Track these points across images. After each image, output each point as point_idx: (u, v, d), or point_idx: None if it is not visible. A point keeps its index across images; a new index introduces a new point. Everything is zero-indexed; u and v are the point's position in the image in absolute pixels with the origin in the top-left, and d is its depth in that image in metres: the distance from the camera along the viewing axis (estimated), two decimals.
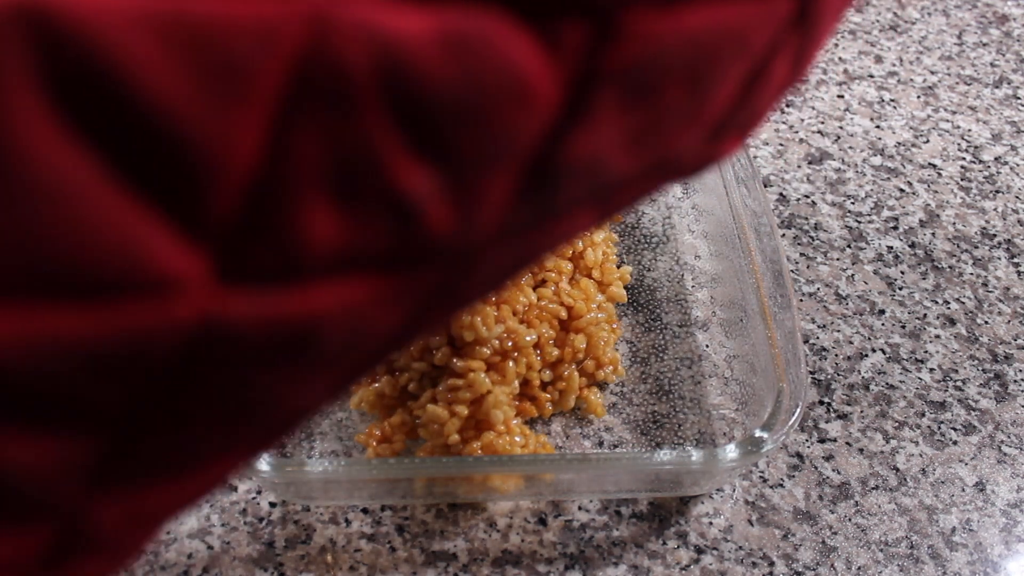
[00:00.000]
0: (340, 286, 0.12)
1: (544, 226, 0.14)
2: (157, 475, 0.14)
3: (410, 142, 0.11)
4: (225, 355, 0.12)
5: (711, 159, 0.17)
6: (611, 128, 0.13)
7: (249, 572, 0.35)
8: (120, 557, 0.15)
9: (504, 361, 0.37)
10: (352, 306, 0.12)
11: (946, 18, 0.64)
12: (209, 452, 0.14)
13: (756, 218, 0.40)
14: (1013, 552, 0.36)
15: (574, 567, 0.35)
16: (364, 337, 0.13)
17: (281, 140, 0.11)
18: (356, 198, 0.11)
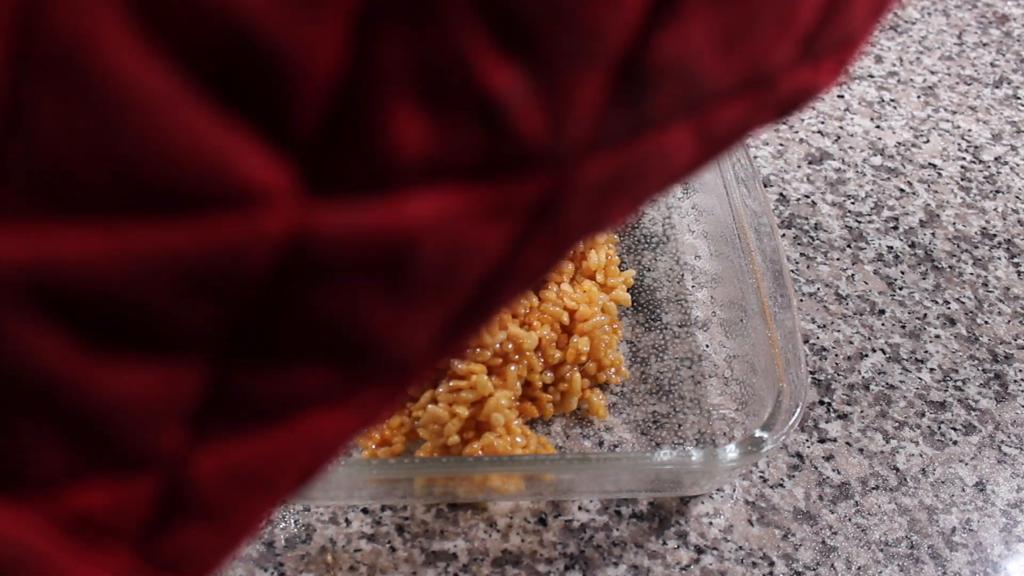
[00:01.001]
0: (432, 195, 0.12)
1: (640, 139, 0.14)
2: (258, 421, 0.13)
3: (497, 39, 0.11)
4: (318, 271, 0.12)
5: (807, 88, 0.16)
6: (701, 26, 0.13)
7: (249, 572, 0.35)
8: (227, 528, 0.15)
9: (505, 365, 0.37)
10: (446, 217, 0.12)
11: (946, 18, 0.64)
12: (314, 398, 0.14)
13: (756, 218, 0.40)
14: (1013, 552, 0.36)
15: (574, 567, 0.35)
16: (464, 260, 0.13)
17: (365, 42, 0.10)
18: (443, 100, 0.11)
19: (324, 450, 0.15)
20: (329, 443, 0.15)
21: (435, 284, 0.13)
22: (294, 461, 0.15)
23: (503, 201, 0.13)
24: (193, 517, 0.14)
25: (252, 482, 0.14)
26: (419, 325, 0.14)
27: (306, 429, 0.14)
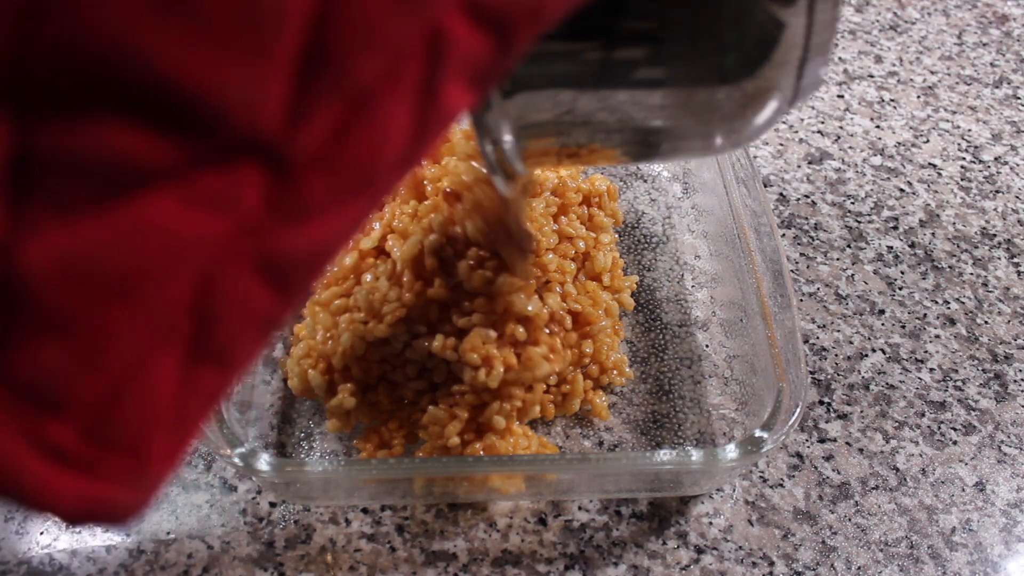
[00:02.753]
0: None
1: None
2: (82, 201, 0.13)
3: None
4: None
5: None
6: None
7: (249, 572, 0.35)
8: (81, 347, 0.14)
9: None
10: None
11: (946, 18, 0.64)
12: (140, 175, 0.13)
13: (756, 218, 0.40)
14: (1013, 552, 0.36)
15: (574, 567, 0.35)
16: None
17: None
18: None
19: (180, 249, 0.14)
20: (184, 240, 0.14)
21: (236, 11, 0.13)
22: (139, 256, 0.14)
23: None
24: (39, 327, 0.13)
25: (94, 282, 0.14)
26: (249, 74, 0.13)
27: (139, 215, 0.13)
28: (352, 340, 0.36)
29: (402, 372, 0.37)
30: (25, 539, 0.35)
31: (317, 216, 0.15)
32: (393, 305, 0.36)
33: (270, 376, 0.40)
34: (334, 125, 0.14)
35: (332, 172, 0.15)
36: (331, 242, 0.16)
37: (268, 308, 0.16)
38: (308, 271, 0.16)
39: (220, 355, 0.16)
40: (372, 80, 0.14)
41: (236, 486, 0.37)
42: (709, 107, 0.23)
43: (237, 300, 0.15)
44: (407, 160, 0.16)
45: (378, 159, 0.15)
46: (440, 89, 0.15)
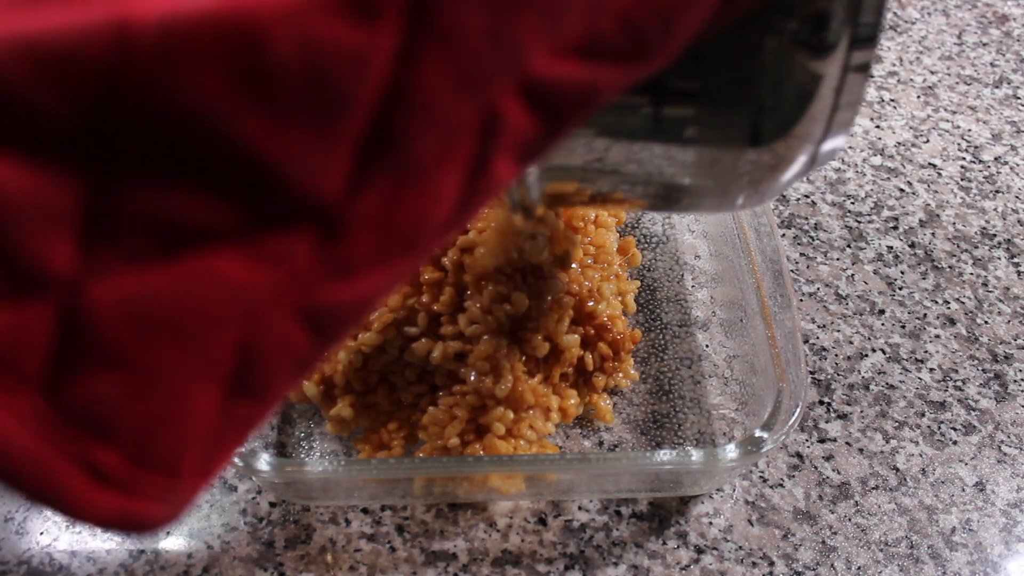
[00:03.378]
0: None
1: None
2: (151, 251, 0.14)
3: None
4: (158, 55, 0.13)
5: None
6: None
7: (249, 572, 0.35)
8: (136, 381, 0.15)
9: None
10: (292, 6, 0.14)
11: (946, 18, 0.64)
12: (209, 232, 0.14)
13: (756, 218, 0.40)
14: (1013, 552, 0.36)
15: (574, 567, 0.35)
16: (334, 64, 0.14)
17: None
18: None
19: (234, 298, 0.15)
20: (239, 291, 0.15)
21: (310, 96, 0.14)
22: (196, 303, 0.15)
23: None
24: (96, 360, 0.15)
25: (152, 323, 0.15)
26: (318, 152, 0.14)
27: (204, 267, 0.15)
28: (349, 356, 0.36)
29: (402, 376, 0.37)
30: (25, 539, 0.35)
31: (362, 273, 0.16)
32: (382, 310, 0.36)
33: None
34: (388, 193, 0.15)
35: (381, 235, 0.16)
36: (372, 295, 0.17)
37: (306, 351, 0.17)
38: (348, 320, 0.17)
39: (258, 390, 0.17)
40: (428, 155, 0.15)
41: (236, 486, 0.37)
42: (736, 168, 0.24)
43: (279, 344, 0.16)
44: (451, 224, 0.17)
45: (425, 225, 0.16)
46: (490, 165, 0.16)
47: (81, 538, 0.36)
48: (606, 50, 0.16)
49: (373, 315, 0.36)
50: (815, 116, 0.22)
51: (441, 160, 0.16)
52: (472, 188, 0.17)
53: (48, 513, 0.36)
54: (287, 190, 0.14)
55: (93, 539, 0.36)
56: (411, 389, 0.37)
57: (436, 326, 0.37)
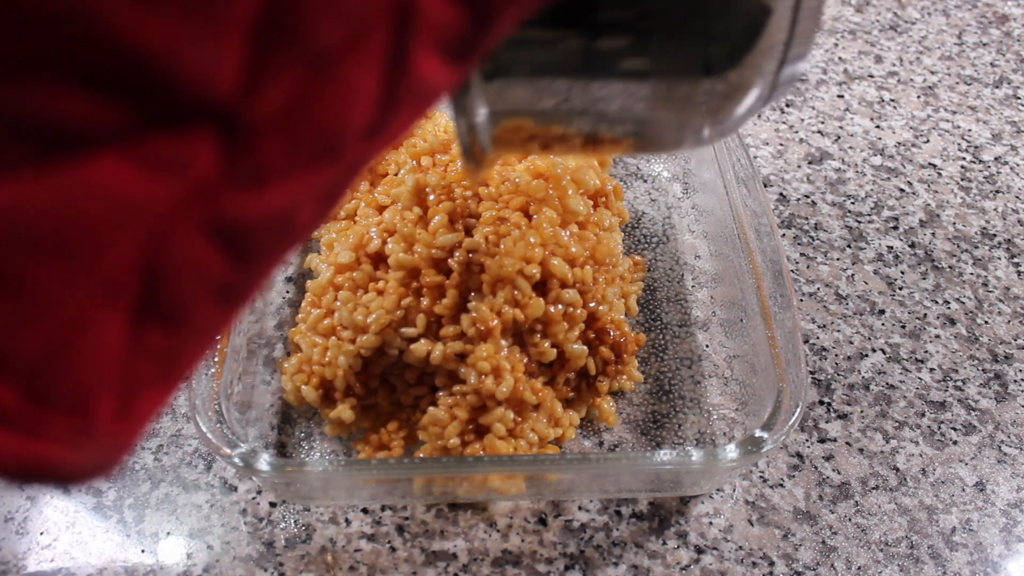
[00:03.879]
0: None
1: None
2: (26, 157, 0.13)
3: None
4: None
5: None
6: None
7: (249, 572, 0.35)
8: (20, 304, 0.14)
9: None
10: None
11: (946, 18, 0.64)
12: (88, 137, 0.13)
13: (756, 218, 0.40)
14: (1013, 552, 0.36)
15: (574, 567, 0.35)
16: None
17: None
18: None
19: (128, 209, 0.14)
20: (132, 201, 0.14)
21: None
22: (83, 215, 0.14)
23: None
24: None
25: (33, 239, 0.13)
26: (203, 40, 0.13)
27: (88, 176, 0.13)
28: (349, 360, 0.36)
29: (401, 379, 0.37)
30: (25, 539, 0.35)
31: (275, 181, 0.15)
32: (379, 312, 0.36)
33: (270, 376, 0.40)
34: (294, 90, 0.14)
35: (291, 137, 0.15)
36: (292, 209, 0.16)
37: (224, 273, 0.15)
38: (268, 238, 0.16)
39: (172, 317, 0.15)
40: (335, 46, 0.14)
41: (236, 486, 0.37)
42: (690, 99, 0.23)
43: (188, 262, 0.15)
44: (378, 131, 0.16)
45: (342, 126, 0.15)
46: (410, 59, 0.15)
47: (81, 538, 0.36)
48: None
49: (370, 317, 0.36)
50: (770, 41, 0.22)
51: (351, 52, 0.14)
52: (393, 86, 0.15)
53: (48, 513, 0.36)
54: (175, 85, 0.13)
55: (93, 539, 0.36)
56: (411, 392, 0.37)
57: (435, 327, 0.37)
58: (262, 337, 0.41)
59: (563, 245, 0.38)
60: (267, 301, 0.43)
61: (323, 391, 0.37)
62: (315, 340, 0.37)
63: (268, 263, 0.16)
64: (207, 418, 0.33)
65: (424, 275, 0.37)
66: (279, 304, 0.43)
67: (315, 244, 0.45)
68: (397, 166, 0.43)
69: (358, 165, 0.16)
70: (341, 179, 0.16)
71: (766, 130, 0.55)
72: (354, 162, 0.16)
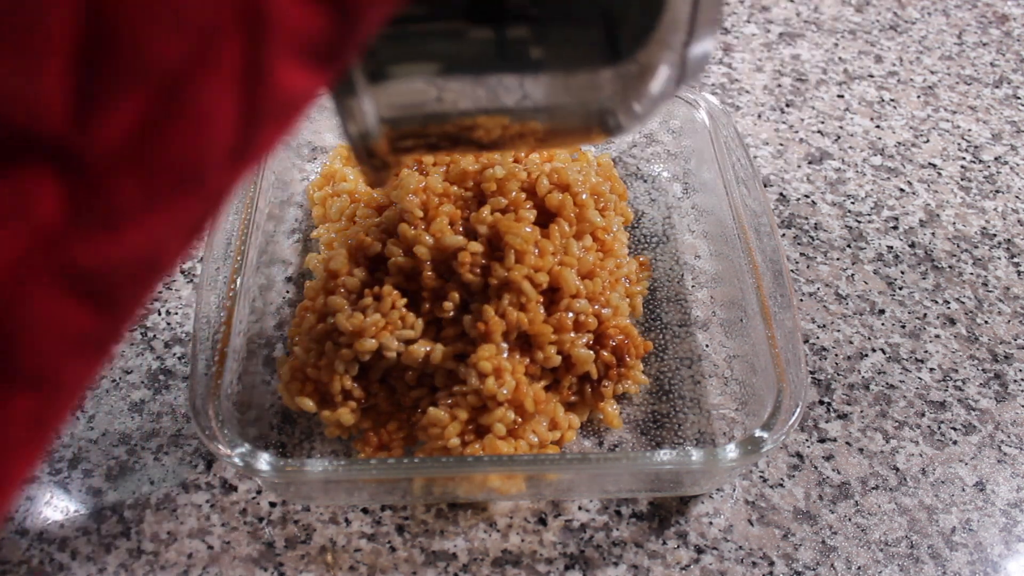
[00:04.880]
0: None
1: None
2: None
3: None
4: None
5: None
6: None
7: (249, 572, 0.35)
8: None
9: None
10: None
11: (946, 18, 0.64)
12: None
13: (756, 218, 0.40)
14: (1013, 552, 0.36)
15: (574, 567, 0.35)
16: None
17: None
18: None
19: None
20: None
21: None
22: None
23: None
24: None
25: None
26: (15, 64, 0.12)
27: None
28: (345, 365, 0.36)
29: (401, 381, 0.37)
30: (25, 539, 0.35)
31: (132, 221, 0.14)
32: (375, 317, 0.36)
33: (270, 376, 0.40)
34: (138, 118, 0.13)
35: (143, 171, 0.13)
36: (155, 247, 0.14)
37: (88, 325, 0.14)
38: (133, 282, 0.14)
39: (37, 378, 0.14)
40: (178, 65, 0.13)
41: (236, 486, 0.37)
42: (595, 85, 0.22)
43: (44, 320, 0.14)
44: (243, 151, 0.14)
45: (201, 153, 0.14)
46: (269, 71, 0.14)
47: (81, 538, 0.36)
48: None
49: (365, 320, 0.36)
50: (674, 18, 0.21)
51: (199, 70, 0.13)
52: (253, 103, 0.14)
53: (48, 513, 0.36)
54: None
55: (93, 539, 0.36)
56: (411, 394, 0.37)
57: (433, 330, 0.37)
58: (262, 337, 0.41)
59: (573, 255, 0.38)
60: (267, 301, 0.43)
61: (319, 398, 0.37)
62: (309, 345, 0.37)
63: (135, 305, 0.15)
64: (207, 418, 0.33)
65: (424, 277, 0.37)
66: (279, 304, 0.43)
67: (315, 244, 0.45)
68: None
69: (224, 190, 0.15)
70: (208, 207, 0.15)
71: (766, 130, 0.55)
72: (219, 188, 0.15)
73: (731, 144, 0.43)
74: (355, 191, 0.43)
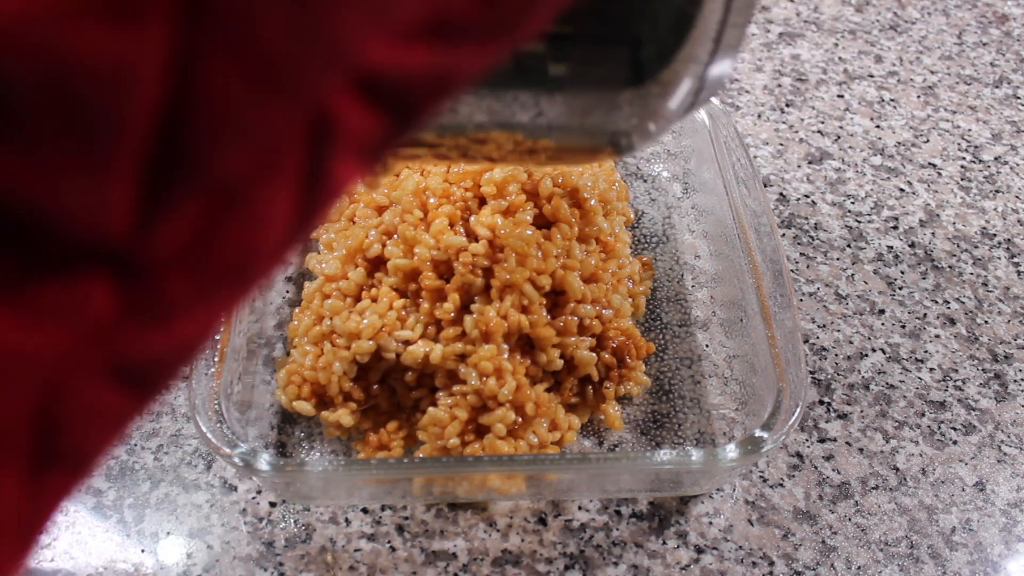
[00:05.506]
0: None
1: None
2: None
3: None
4: None
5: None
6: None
7: (249, 572, 0.35)
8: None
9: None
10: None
11: (946, 18, 0.64)
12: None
13: (756, 218, 0.40)
14: (1013, 552, 0.36)
15: (574, 567, 0.35)
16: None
17: None
18: None
19: (12, 365, 0.13)
20: (17, 356, 0.13)
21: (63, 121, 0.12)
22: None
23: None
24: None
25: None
26: (87, 184, 0.12)
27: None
28: (344, 367, 0.36)
29: (401, 382, 0.37)
30: None
31: (183, 315, 0.14)
32: (372, 318, 0.36)
33: (270, 376, 0.40)
34: (196, 223, 0.13)
35: (196, 270, 0.14)
36: (197, 336, 0.15)
37: (124, 408, 0.15)
38: (170, 367, 0.15)
39: (69, 459, 0.15)
40: (241, 173, 0.13)
41: (236, 486, 0.37)
42: (611, 108, 0.22)
43: (87, 408, 0.14)
44: (289, 243, 0.15)
45: (253, 251, 0.14)
46: (328, 172, 0.14)
47: (81, 538, 0.36)
48: (459, 29, 0.14)
49: (362, 322, 0.36)
50: (701, 37, 0.20)
51: (262, 176, 0.14)
52: (309, 200, 0.14)
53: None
54: (58, 233, 0.12)
55: (93, 539, 0.36)
56: (411, 394, 0.37)
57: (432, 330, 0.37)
58: (262, 337, 0.41)
59: (575, 258, 0.38)
60: (267, 301, 0.43)
61: (317, 400, 0.37)
62: (306, 348, 0.37)
63: (165, 386, 0.15)
64: (207, 418, 0.33)
65: (424, 278, 0.37)
66: (279, 304, 0.43)
67: (315, 244, 0.45)
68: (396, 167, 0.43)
69: (263, 277, 0.15)
70: (245, 293, 0.15)
71: (766, 130, 0.55)
72: (260, 275, 0.15)
73: (731, 144, 0.43)
74: (354, 192, 0.43)
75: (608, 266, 0.40)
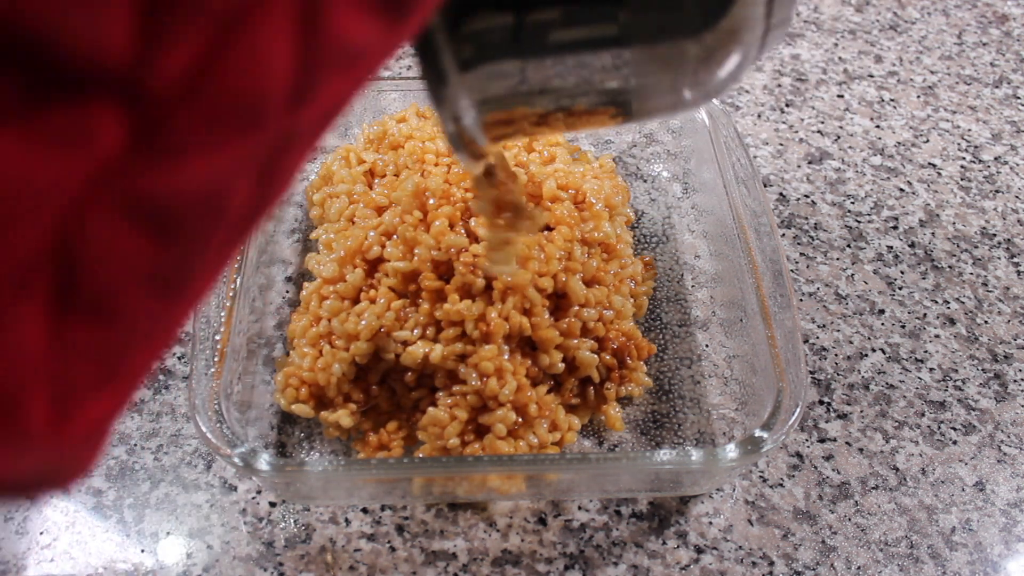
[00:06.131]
0: None
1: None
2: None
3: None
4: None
5: None
6: None
7: (249, 572, 0.35)
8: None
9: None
10: None
11: (946, 18, 0.64)
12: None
13: (756, 218, 0.40)
14: (1013, 552, 0.36)
15: (574, 567, 0.35)
16: None
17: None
18: None
19: (13, 187, 0.13)
20: (19, 178, 0.13)
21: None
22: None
23: None
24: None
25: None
26: (83, 7, 0.12)
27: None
28: (343, 368, 0.36)
29: (401, 382, 0.37)
30: (25, 539, 0.35)
31: (194, 153, 0.14)
32: (370, 319, 0.36)
33: (270, 376, 0.40)
34: (198, 54, 0.13)
35: (203, 105, 0.14)
36: (219, 184, 0.15)
37: (151, 258, 0.14)
38: (197, 217, 0.15)
39: (97, 308, 0.14)
40: (234, 3, 0.13)
41: (236, 486, 0.37)
42: (674, 61, 0.23)
43: (106, 246, 0.14)
44: (303, 97, 0.15)
45: (258, 91, 0.14)
46: (325, 14, 0.14)
47: (81, 538, 0.36)
48: None
49: (360, 323, 0.36)
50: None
51: (256, 10, 0.14)
52: (310, 47, 0.14)
53: (48, 513, 0.36)
54: (61, 55, 0.12)
55: (93, 539, 0.36)
56: (411, 394, 0.37)
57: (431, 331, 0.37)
58: (262, 337, 0.41)
59: (577, 260, 0.38)
60: (267, 301, 0.43)
61: (315, 402, 0.37)
62: (304, 350, 0.37)
63: (205, 247, 0.15)
64: (207, 418, 0.33)
65: (423, 279, 0.37)
66: (279, 304, 0.43)
67: (315, 244, 0.45)
68: (396, 167, 0.43)
69: (292, 137, 0.15)
70: (274, 152, 0.15)
71: (766, 130, 0.55)
72: (286, 133, 0.15)
73: (731, 144, 0.43)
74: (353, 192, 0.43)
75: (610, 267, 0.40)
